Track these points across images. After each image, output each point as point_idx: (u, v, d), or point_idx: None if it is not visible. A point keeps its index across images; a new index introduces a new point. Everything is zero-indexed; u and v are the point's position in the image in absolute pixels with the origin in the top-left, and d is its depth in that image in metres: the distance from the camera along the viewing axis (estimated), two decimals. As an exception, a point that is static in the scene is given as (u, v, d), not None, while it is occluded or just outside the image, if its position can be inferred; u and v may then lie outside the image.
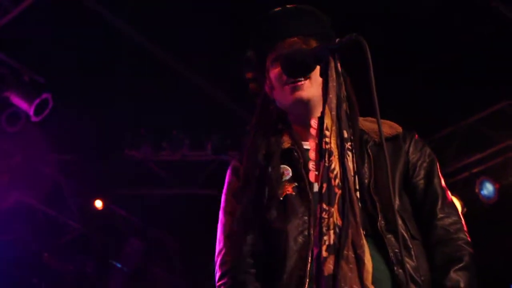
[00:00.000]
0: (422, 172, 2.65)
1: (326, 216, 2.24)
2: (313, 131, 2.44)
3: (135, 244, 9.15)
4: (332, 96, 2.39)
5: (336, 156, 2.31)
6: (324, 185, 2.27)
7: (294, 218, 2.49)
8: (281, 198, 2.54)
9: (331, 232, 2.23)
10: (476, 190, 7.78)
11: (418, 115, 7.54)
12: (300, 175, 2.57)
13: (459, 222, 2.56)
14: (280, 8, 2.72)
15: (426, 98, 7.33)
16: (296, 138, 2.67)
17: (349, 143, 2.38)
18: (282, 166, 2.60)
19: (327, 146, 2.32)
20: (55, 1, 6.61)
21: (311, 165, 2.43)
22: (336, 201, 2.26)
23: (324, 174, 2.28)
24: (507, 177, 7.86)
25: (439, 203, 2.58)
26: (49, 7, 6.65)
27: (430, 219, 2.56)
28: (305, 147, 2.63)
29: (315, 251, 2.23)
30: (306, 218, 2.48)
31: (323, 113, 2.36)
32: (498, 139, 7.90)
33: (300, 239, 2.46)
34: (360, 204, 2.37)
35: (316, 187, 2.46)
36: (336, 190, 2.27)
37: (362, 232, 2.26)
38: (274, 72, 2.69)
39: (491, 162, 7.98)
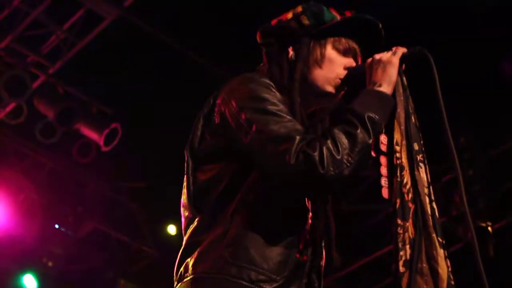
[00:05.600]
0: None
1: (401, 232, 2.24)
2: (383, 147, 2.43)
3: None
4: (400, 110, 2.39)
5: (408, 171, 2.31)
6: (398, 201, 2.27)
7: None
8: None
9: (407, 247, 2.23)
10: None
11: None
12: None
13: None
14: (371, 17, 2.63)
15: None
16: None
17: (420, 155, 2.38)
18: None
19: (398, 161, 2.33)
20: (116, 33, 6.74)
21: (383, 181, 2.42)
22: (411, 215, 2.26)
23: (397, 190, 2.28)
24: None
25: None
26: (111, 39, 6.79)
27: None
28: None
29: (393, 267, 2.23)
30: None
31: (392, 128, 2.36)
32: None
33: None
34: (437, 215, 2.35)
35: None
36: (410, 204, 2.27)
37: (439, 242, 2.25)
38: (335, 57, 2.52)
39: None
